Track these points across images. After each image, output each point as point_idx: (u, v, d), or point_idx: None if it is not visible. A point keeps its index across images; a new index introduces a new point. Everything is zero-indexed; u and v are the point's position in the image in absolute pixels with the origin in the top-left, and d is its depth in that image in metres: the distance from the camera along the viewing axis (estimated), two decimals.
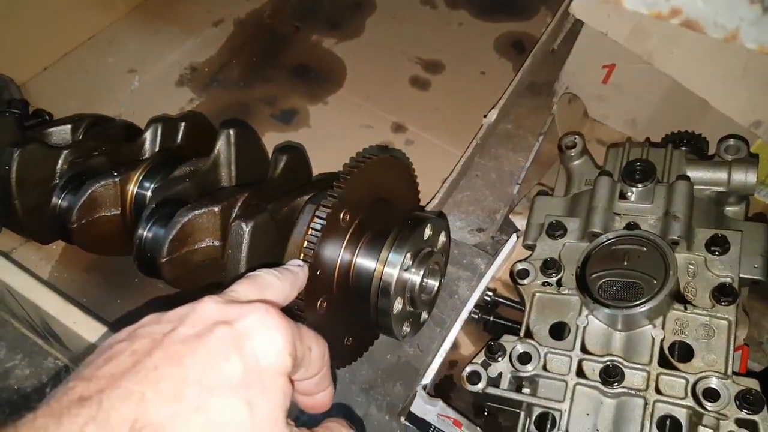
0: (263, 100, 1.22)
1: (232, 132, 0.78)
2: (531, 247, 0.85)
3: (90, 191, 0.73)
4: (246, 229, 0.59)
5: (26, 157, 0.81)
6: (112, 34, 1.32)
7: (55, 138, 0.93)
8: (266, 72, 1.27)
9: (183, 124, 0.84)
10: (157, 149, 0.86)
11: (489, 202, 1.12)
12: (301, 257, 0.56)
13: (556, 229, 0.81)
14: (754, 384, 0.63)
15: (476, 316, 0.91)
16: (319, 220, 0.56)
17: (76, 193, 0.75)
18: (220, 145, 0.78)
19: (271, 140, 1.13)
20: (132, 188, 0.77)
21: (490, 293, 0.93)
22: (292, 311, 0.59)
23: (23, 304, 0.76)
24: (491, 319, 0.90)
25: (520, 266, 0.80)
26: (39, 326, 0.77)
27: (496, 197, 1.12)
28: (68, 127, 0.94)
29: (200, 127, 0.88)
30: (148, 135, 0.87)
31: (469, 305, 0.92)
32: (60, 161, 0.85)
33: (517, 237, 0.93)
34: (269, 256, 0.62)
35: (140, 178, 0.76)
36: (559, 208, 0.87)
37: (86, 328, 0.74)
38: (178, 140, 0.85)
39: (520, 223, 0.98)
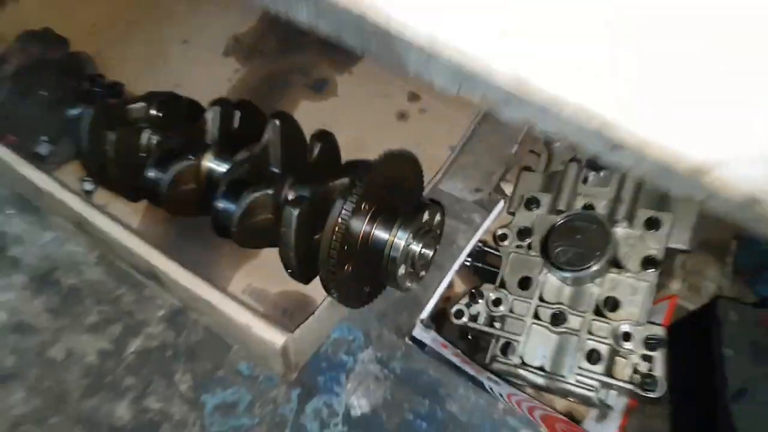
0: (298, 70, 1.37)
1: (277, 122, 0.96)
2: (513, 213, 1.05)
3: (175, 172, 0.94)
4: (294, 213, 0.79)
5: (120, 138, 1.01)
6: (167, 6, 1.45)
7: (134, 114, 1.12)
8: (300, 42, 1.40)
9: (237, 113, 1.02)
10: (217, 128, 1.05)
11: (487, 165, 1.29)
12: (335, 234, 0.77)
13: (531, 203, 1.00)
14: (660, 330, 0.84)
15: (468, 263, 1.12)
16: (346, 211, 0.76)
17: (164, 170, 0.96)
18: (269, 132, 0.96)
19: (305, 108, 1.30)
20: (204, 167, 0.97)
21: (481, 244, 1.13)
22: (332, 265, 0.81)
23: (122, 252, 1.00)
24: (480, 265, 1.12)
25: (500, 231, 1.00)
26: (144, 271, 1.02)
27: (494, 160, 1.29)
28: (143, 104, 1.13)
29: (250, 113, 1.06)
30: (209, 117, 1.05)
31: (464, 253, 1.13)
32: (143, 138, 1.05)
33: (504, 203, 1.12)
34: (310, 230, 0.83)
35: (210, 159, 0.96)
36: (537, 184, 1.05)
37: (172, 270, 0.98)
38: (235, 125, 1.03)
39: (508, 189, 1.17)
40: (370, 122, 1.28)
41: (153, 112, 1.12)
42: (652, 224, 0.90)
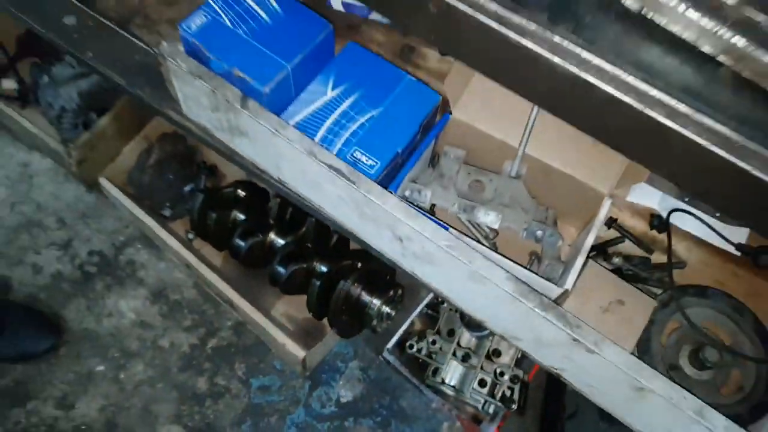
0: None
1: (313, 220, 1.51)
2: None
3: (250, 244, 1.49)
4: (317, 284, 1.34)
5: (218, 216, 1.57)
6: None
7: (227, 196, 1.68)
8: None
9: (290, 208, 1.57)
10: (276, 213, 1.59)
11: None
12: (337, 300, 1.31)
13: None
14: (520, 373, 1.36)
15: (425, 310, 1.65)
16: (345, 288, 1.31)
17: (244, 241, 1.51)
18: (308, 224, 1.51)
19: None
20: (268, 240, 1.52)
21: (435, 299, 1.66)
22: (336, 313, 1.35)
23: (206, 284, 1.56)
24: (431, 312, 1.64)
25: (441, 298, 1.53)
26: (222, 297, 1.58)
27: None
28: (232, 189, 1.68)
29: (297, 208, 1.61)
30: (272, 205, 1.60)
31: (423, 303, 1.66)
32: (232, 216, 1.60)
33: None
34: (325, 293, 1.38)
35: (272, 238, 1.51)
36: None
37: (238, 299, 1.53)
38: (288, 214, 1.58)
39: None
40: None
41: (239, 193, 1.68)
42: None
